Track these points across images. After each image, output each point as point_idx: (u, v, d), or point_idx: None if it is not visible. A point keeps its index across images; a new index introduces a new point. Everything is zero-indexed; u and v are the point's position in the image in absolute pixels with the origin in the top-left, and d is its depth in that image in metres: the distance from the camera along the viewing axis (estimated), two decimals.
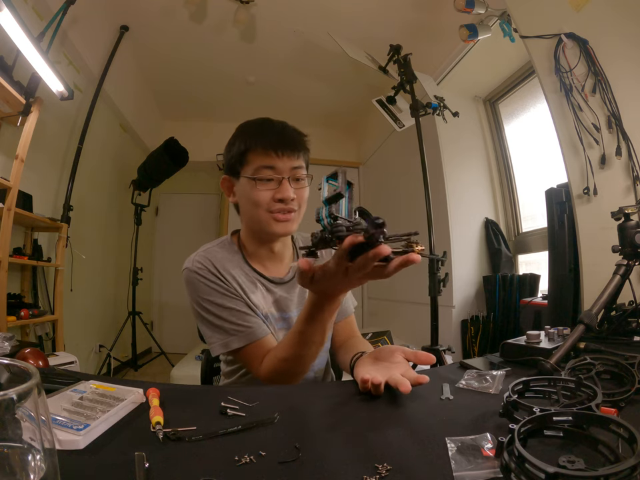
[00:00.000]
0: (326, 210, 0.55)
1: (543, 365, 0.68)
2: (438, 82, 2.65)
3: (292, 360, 0.75)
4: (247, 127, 0.92)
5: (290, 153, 0.86)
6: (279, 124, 0.91)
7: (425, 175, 1.83)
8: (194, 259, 0.89)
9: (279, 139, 0.86)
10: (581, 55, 1.52)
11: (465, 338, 2.59)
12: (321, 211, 0.55)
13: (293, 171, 0.87)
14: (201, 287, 0.86)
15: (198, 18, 2.88)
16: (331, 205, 0.54)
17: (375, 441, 0.46)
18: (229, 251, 0.94)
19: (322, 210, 0.55)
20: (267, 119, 0.92)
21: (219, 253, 0.91)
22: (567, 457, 0.32)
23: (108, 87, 3.04)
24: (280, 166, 0.85)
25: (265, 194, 0.85)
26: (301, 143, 0.90)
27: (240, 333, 0.84)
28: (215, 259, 0.89)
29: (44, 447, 0.25)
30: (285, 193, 0.84)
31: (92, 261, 3.05)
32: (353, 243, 0.52)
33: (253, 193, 0.85)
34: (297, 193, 0.87)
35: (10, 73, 1.91)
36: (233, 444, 0.45)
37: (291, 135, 0.89)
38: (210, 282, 0.86)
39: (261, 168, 0.85)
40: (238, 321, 0.84)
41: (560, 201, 1.73)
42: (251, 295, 0.89)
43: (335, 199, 0.54)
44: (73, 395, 0.55)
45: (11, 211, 1.91)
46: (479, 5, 2.00)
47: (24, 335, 2.24)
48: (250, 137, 0.87)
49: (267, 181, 0.85)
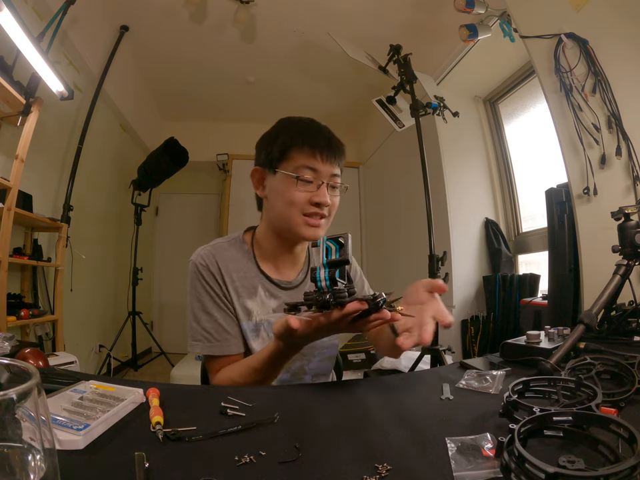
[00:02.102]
0: (325, 272, 0.56)
1: (543, 364, 0.68)
2: (438, 82, 2.65)
3: (243, 385, 0.77)
4: (293, 123, 0.90)
5: (333, 160, 0.86)
6: (325, 128, 0.90)
7: (425, 174, 1.83)
8: (200, 252, 0.89)
9: (326, 143, 0.85)
10: (581, 54, 1.52)
11: (465, 338, 2.59)
12: (318, 272, 0.57)
13: (332, 178, 0.86)
14: (196, 283, 0.86)
15: (198, 18, 2.88)
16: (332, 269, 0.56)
17: (375, 441, 0.46)
18: (238, 250, 0.92)
19: (320, 271, 0.57)
20: (312, 120, 0.91)
21: (226, 251, 0.90)
22: (567, 457, 0.32)
23: (108, 87, 3.04)
24: (322, 170, 0.84)
25: (303, 195, 0.84)
26: (343, 152, 0.89)
27: (206, 341, 0.84)
28: (219, 257, 0.88)
29: (44, 446, 0.25)
30: (322, 197, 0.84)
31: (92, 260, 3.05)
32: (359, 310, 0.56)
33: (290, 192, 0.84)
34: (331, 201, 0.86)
35: (10, 73, 1.91)
36: (233, 444, 0.45)
37: (336, 142, 0.88)
38: (205, 282, 0.86)
39: (303, 167, 0.83)
40: (211, 330, 0.84)
41: (560, 200, 1.73)
42: (247, 300, 0.88)
43: (337, 265, 0.57)
44: (73, 394, 0.55)
45: (11, 211, 1.91)
46: (479, 4, 2.00)
47: (24, 335, 2.24)
48: (297, 135, 0.86)
49: (306, 182, 0.84)
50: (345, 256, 0.57)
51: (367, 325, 0.61)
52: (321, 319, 0.59)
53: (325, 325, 0.60)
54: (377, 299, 0.56)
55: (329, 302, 0.56)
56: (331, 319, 0.58)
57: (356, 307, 0.56)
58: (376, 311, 0.57)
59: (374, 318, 0.58)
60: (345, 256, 0.57)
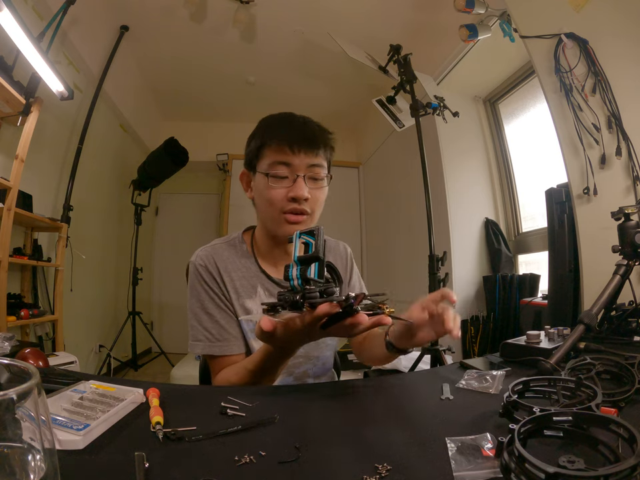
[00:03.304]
0: (297, 270, 0.52)
1: (543, 364, 0.68)
2: (438, 82, 2.65)
3: (243, 385, 0.76)
4: (268, 120, 0.88)
5: (307, 150, 0.81)
6: (300, 119, 0.86)
7: (425, 174, 1.83)
8: (199, 253, 0.89)
9: (296, 134, 0.81)
10: (581, 54, 1.52)
11: (465, 338, 2.59)
12: (290, 270, 0.52)
13: (310, 169, 0.82)
14: (195, 284, 0.86)
15: (198, 18, 2.88)
16: (303, 266, 0.52)
17: (375, 441, 0.46)
18: (237, 249, 0.92)
19: (292, 269, 0.52)
20: (289, 114, 0.88)
21: (225, 251, 0.90)
22: (567, 457, 0.32)
23: (108, 87, 3.04)
24: (295, 163, 0.81)
25: (279, 192, 0.81)
26: (322, 140, 0.84)
27: (207, 341, 0.83)
28: (218, 258, 0.88)
29: (44, 446, 0.25)
30: (297, 191, 0.80)
31: (92, 260, 3.05)
32: (329, 313, 0.52)
33: (266, 190, 0.82)
34: (312, 194, 0.82)
35: (10, 73, 1.91)
36: (233, 444, 0.45)
37: (312, 130, 0.84)
38: (204, 282, 0.86)
39: (275, 164, 0.81)
40: (212, 330, 0.84)
41: (560, 200, 1.73)
42: (247, 300, 0.87)
43: (309, 261, 0.52)
44: (73, 394, 0.55)
45: (11, 211, 1.91)
46: (479, 4, 1.99)
47: (24, 335, 2.24)
48: (267, 131, 0.84)
49: (280, 178, 0.81)
50: (316, 252, 0.52)
51: (346, 331, 0.56)
52: (296, 320, 0.56)
53: (300, 329, 0.56)
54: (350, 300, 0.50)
55: (297, 302, 0.52)
56: (305, 322, 0.54)
57: (325, 310, 0.51)
58: (350, 315, 0.52)
59: (349, 323, 0.53)
60: (316, 252, 0.52)
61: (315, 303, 0.51)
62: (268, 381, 0.76)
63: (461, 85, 2.79)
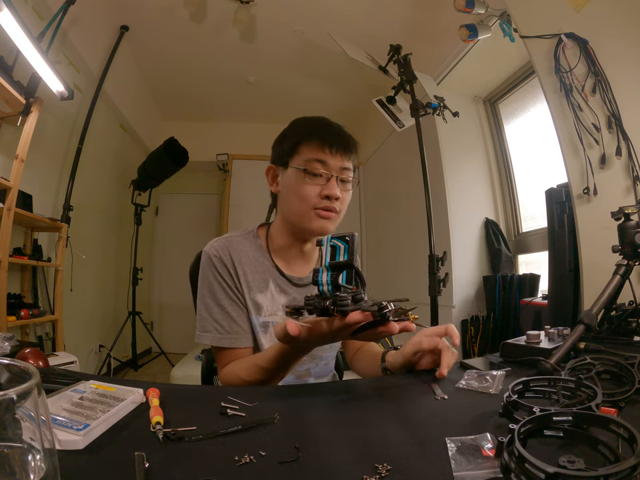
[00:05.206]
0: (327, 276, 0.51)
1: (543, 364, 0.68)
2: (438, 82, 2.65)
3: (251, 383, 0.76)
4: (303, 121, 0.92)
5: (343, 153, 0.86)
6: (335, 124, 0.91)
7: (425, 174, 1.83)
8: (214, 244, 0.89)
9: (335, 136, 0.86)
10: (581, 55, 1.52)
11: (465, 338, 2.59)
12: (320, 275, 0.52)
13: (342, 171, 0.86)
14: (208, 274, 0.86)
15: (198, 18, 2.88)
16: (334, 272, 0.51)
17: (375, 441, 0.46)
18: (252, 243, 0.92)
19: (322, 274, 0.52)
20: (324, 117, 0.92)
21: (240, 244, 0.90)
22: (567, 457, 0.32)
23: (108, 87, 3.04)
24: (331, 163, 0.84)
25: (313, 189, 0.84)
26: (354, 146, 0.90)
27: (217, 332, 0.83)
28: (233, 250, 0.88)
29: (44, 446, 0.25)
30: (332, 190, 0.83)
31: (92, 260, 3.05)
32: (361, 322, 0.52)
33: (300, 186, 0.84)
34: (341, 195, 0.86)
35: (10, 73, 1.91)
36: (233, 444, 0.45)
37: (347, 136, 0.89)
38: (217, 273, 0.86)
39: (312, 161, 0.84)
40: (222, 321, 0.84)
41: (560, 200, 1.73)
42: (258, 294, 0.88)
43: (341, 268, 0.52)
44: (73, 394, 0.55)
45: (11, 211, 1.91)
46: (479, 4, 1.99)
47: (24, 335, 2.24)
48: (305, 130, 0.87)
49: (315, 176, 0.84)
50: (350, 259, 0.52)
51: (375, 337, 0.58)
52: (323, 325, 0.57)
53: (326, 333, 0.57)
54: (384, 309, 0.51)
55: (328, 309, 0.52)
56: (333, 328, 0.55)
57: (358, 319, 0.52)
58: (382, 324, 0.53)
59: (380, 331, 0.55)
60: (350, 259, 0.52)
61: (345, 311, 0.51)
62: (277, 379, 0.75)
63: (460, 85, 2.79)
